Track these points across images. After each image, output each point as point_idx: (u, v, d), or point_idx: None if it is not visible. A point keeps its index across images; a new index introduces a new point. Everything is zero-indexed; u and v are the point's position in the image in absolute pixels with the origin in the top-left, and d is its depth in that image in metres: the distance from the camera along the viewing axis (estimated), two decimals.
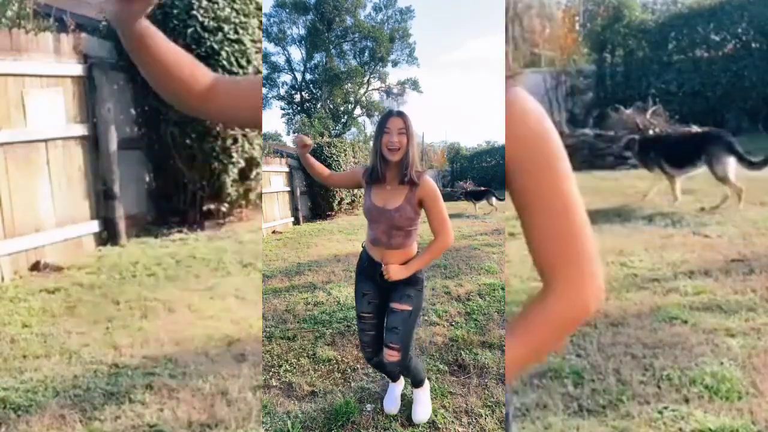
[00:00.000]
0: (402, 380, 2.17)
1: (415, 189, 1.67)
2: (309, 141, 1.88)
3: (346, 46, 28.57)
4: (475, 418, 1.99)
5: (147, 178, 4.81)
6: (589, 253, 0.64)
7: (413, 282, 1.77)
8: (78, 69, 4.06)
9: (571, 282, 0.64)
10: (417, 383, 2.05)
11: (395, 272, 1.70)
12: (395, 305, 1.76)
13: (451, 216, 10.22)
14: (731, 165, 5.06)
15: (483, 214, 9.62)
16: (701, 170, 5.34)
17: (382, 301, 1.84)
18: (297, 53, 31.33)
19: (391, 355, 1.74)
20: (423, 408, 2.03)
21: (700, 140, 5.35)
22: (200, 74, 0.77)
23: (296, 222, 9.33)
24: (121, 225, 4.30)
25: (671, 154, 5.49)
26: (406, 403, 2.11)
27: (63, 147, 3.95)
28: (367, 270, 1.84)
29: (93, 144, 4.19)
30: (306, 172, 9.96)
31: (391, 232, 1.71)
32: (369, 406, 2.13)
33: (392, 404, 2.08)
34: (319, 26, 27.00)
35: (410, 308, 1.75)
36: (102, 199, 4.24)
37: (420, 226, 1.78)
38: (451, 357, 2.56)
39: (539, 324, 0.65)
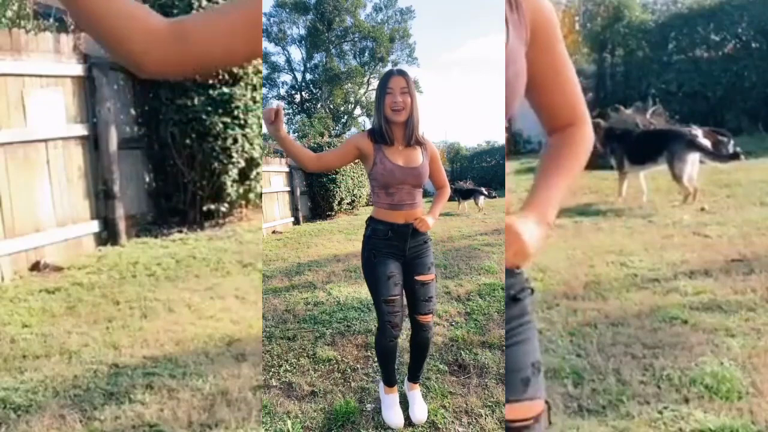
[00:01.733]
0: (396, 388, 2.09)
1: (425, 148, 1.79)
2: (276, 107, 1.51)
3: (346, 46, 28.56)
4: (475, 418, 1.99)
5: (147, 178, 4.81)
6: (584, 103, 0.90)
7: (428, 248, 1.88)
8: (78, 69, 4.06)
9: (583, 119, 0.90)
10: (416, 377, 2.07)
11: (431, 222, 1.76)
12: (424, 277, 1.83)
13: (447, 215, 10.16)
14: (689, 164, 5.10)
15: (483, 214, 9.61)
16: (660, 167, 5.40)
17: (402, 277, 1.84)
18: (297, 53, 31.38)
19: (428, 318, 1.86)
20: (421, 407, 2.01)
21: (663, 137, 5.40)
22: (161, 24, 0.63)
23: (296, 222, 9.33)
24: (121, 225, 4.30)
25: (633, 150, 5.52)
26: (403, 406, 2.11)
27: (63, 147, 3.95)
28: (392, 241, 1.78)
29: (93, 144, 4.19)
30: (306, 172, 10.00)
31: (414, 191, 1.76)
32: (369, 406, 2.12)
33: (398, 416, 1.96)
34: (319, 26, 27.00)
35: (434, 275, 1.88)
36: (102, 199, 4.24)
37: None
38: (451, 357, 2.56)
39: (573, 150, 0.88)
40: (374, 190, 1.80)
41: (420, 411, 1.99)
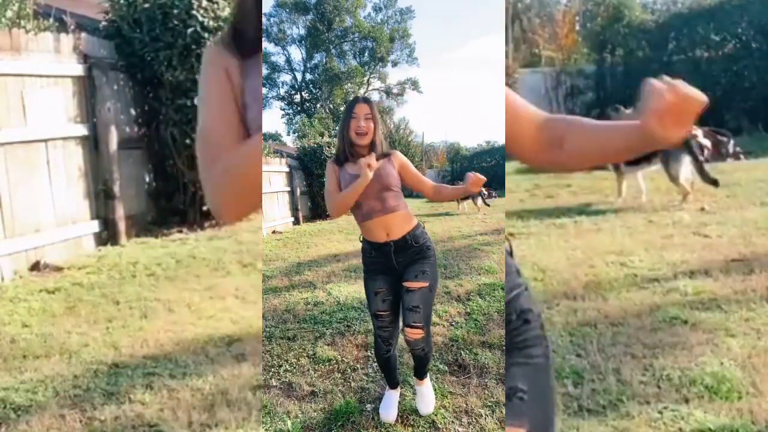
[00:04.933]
0: (399, 388, 2.13)
1: (389, 158, 1.80)
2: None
3: (346, 46, 28.58)
4: (475, 418, 1.99)
5: (147, 178, 4.81)
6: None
7: (426, 256, 1.79)
8: (78, 69, 4.06)
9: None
10: (420, 375, 2.02)
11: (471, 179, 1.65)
12: (411, 284, 1.74)
13: (447, 215, 10.16)
14: (685, 165, 5.11)
15: (483, 214, 9.61)
16: (654, 168, 5.41)
17: (396, 296, 1.82)
18: (297, 53, 31.36)
19: (414, 333, 1.72)
20: (428, 400, 2.04)
21: None
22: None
23: (296, 222, 9.33)
24: (121, 225, 4.30)
25: None
26: (404, 406, 2.11)
27: (63, 147, 3.96)
28: (378, 258, 1.80)
29: (93, 144, 4.19)
30: (306, 172, 10.00)
31: (382, 194, 1.73)
32: (369, 406, 2.13)
33: (390, 412, 2.00)
34: (319, 26, 27.02)
35: (427, 284, 1.75)
36: (102, 199, 4.24)
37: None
38: (451, 357, 2.56)
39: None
40: (352, 210, 1.83)
41: (427, 404, 2.03)
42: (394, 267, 1.79)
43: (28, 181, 3.67)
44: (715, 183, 5.08)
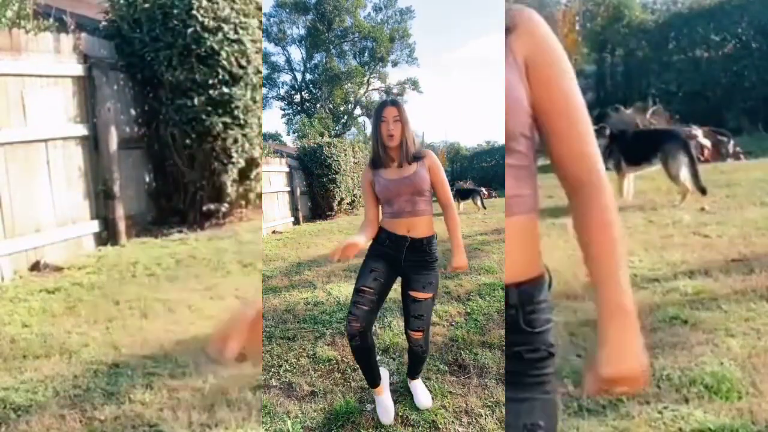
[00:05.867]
0: (387, 386, 2.10)
1: (422, 160, 1.85)
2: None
3: (346, 46, 28.57)
4: (475, 418, 1.99)
5: (147, 178, 4.81)
6: (598, 153, 0.81)
7: (433, 267, 1.87)
8: (78, 69, 4.06)
9: (595, 178, 0.81)
10: (413, 374, 2.14)
11: (462, 260, 1.83)
12: (419, 294, 1.84)
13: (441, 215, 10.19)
14: (684, 165, 5.14)
15: (483, 214, 9.61)
16: (654, 168, 5.45)
17: (388, 280, 1.88)
18: (297, 53, 31.38)
19: (417, 335, 1.90)
20: (424, 395, 2.11)
21: (658, 137, 5.46)
22: None
23: (296, 222, 9.33)
24: (121, 225, 4.30)
25: (629, 151, 5.57)
26: (404, 407, 2.11)
27: (63, 147, 3.95)
28: (389, 248, 1.86)
29: (93, 144, 4.19)
30: (306, 172, 10.00)
31: (414, 199, 1.81)
32: (369, 406, 2.13)
33: (388, 415, 1.99)
34: (319, 26, 27.02)
35: (432, 295, 1.87)
36: (102, 199, 4.23)
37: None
38: (451, 357, 2.56)
39: (606, 224, 0.81)
40: (381, 203, 1.92)
41: (424, 398, 2.08)
42: (400, 263, 1.85)
43: (28, 181, 3.67)
44: (703, 191, 5.12)
